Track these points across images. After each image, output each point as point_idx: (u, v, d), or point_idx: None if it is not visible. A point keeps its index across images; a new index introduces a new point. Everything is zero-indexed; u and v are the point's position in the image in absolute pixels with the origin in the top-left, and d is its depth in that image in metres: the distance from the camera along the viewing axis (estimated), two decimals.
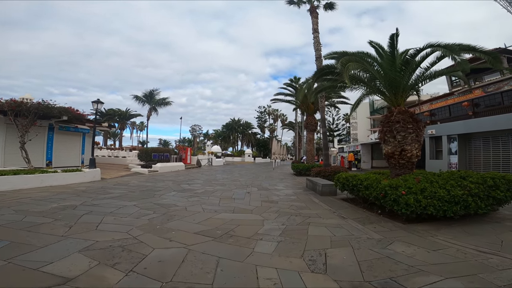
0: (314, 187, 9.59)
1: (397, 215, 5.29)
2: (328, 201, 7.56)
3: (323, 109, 13.05)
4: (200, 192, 8.71)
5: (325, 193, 8.63)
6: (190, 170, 19.12)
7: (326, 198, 8.09)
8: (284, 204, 6.96)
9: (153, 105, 30.62)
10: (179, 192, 8.69)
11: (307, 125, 18.65)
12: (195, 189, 9.37)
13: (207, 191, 9.09)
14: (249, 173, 18.43)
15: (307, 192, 9.38)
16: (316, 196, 8.50)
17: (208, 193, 8.64)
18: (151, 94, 30.89)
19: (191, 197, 7.76)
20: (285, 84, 19.45)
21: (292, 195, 8.78)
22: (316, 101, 19.03)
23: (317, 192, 9.04)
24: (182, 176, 14.46)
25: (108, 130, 19.65)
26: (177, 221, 4.94)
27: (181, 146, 26.58)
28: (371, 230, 4.64)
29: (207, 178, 13.60)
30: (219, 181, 12.34)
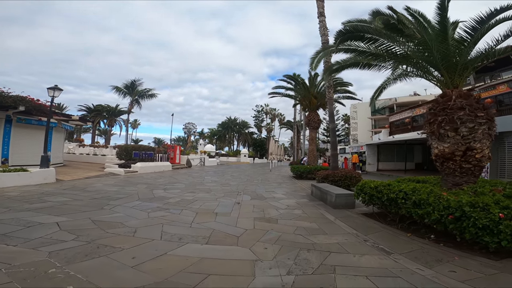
0: (323, 196, 7.50)
1: (464, 243, 3.32)
2: (348, 218, 5.48)
3: (331, 102, 11.00)
4: (173, 203, 6.57)
5: (339, 205, 6.56)
6: (177, 171, 16.94)
7: (342, 213, 6.01)
8: (287, 225, 4.85)
9: (136, 97, 28.06)
10: (145, 201, 6.55)
11: (309, 122, 16.60)
12: (169, 197, 7.23)
13: (183, 200, 6.95)
14: (243, 175, 16.31)
15: (314, 203, 7.29)
16: (328, 210, 6.41)
17: (184, 203, 6.51)
18: (133, 85, 28.06)
19: (156, 210, 5.62)
20: (286, 76, 17.44)
21: (295, 207, 6.68)
22: (319, 95, 17.00)
23: (328, 203, 6.96)
24: (163, 178, 12.30)
25: (82, 125, 17.35)
26: (97, 261, 2.83)
27: (169, 144, 24.37)
28: (453, 279, 2.57)
29: (192, 182, 11.45)
30: (205, 186, 10.21)
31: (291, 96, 18.68)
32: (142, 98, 28.55)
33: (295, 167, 15.49)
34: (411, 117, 23.12)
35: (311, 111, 16.77)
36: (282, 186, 11.08)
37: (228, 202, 6.90)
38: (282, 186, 11.07)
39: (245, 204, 6.75)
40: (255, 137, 58.91)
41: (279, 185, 11.50)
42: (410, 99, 45.80)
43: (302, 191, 9.79)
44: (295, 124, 35.86)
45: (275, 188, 10.46)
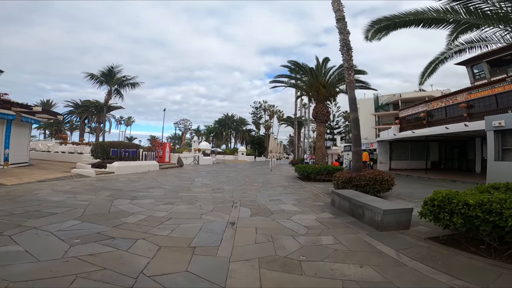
0: (355, 210, 5.27)
1: None
2: (418, 251, 3.29)
3: (351, 86, 8.75)
4: (130, 224, 4.29)
5: (388, 226, 4.36)
6: (164, 172, 14.63)
7: (398, 240, 3.84)
8: (322, 277, 2.60)
9: (116, 87, 25.19)
10: (87, 221, 4.26)
11: (316, 115, 14.35)
12: (130, 214, 4.94)
13: (150, 219, 4.67)
14: (241, 176, 14.04)
15: (343, 220, 5.05)
16: (372, 233, 4.21)
17: (148, 225, 4.23)
18: (111, 72, 24.56)
19: (90, 241, 3.34)
20: (290, 62, 15.10)
21: (320, 229, 4.44)
22: (328, 84, 14.75)
23: (367, 221, 4.74)
24: (143, 181, 10.00)
25: (52, 118, 14.93)
26: None
27: (157, 141, 22.01)
28: None
29: (176, 186, 9.16)
30: (191, 192, 7.94)
31: (295, 86, 16.40)
32: (122, 87, 25.67)
33: (300, 167, 13.27)
34: (426, 112, 21.00)
35: (318, 103, 14.52)
36: (289, 191, 8.83)
37: (217, 223, 4.63)
38: (289, 192, 8.82)
39: (243, 226, 4.49)
40: (253, 135, 56.60)
41: (284, 190, 9.25)
42: (415, 95, 43.70)
43: (317, 199, 7.55)
44: (295, 120, 33.63)
45: (281, 194, 8.21)
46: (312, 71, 14.22)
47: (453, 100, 18.62)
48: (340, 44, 9.53)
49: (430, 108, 20.82)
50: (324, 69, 14.79)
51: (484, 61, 27.04)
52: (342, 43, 9.38)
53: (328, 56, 14.43)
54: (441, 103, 19.76)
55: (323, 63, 14.64)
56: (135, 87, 26.13)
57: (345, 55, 9.27)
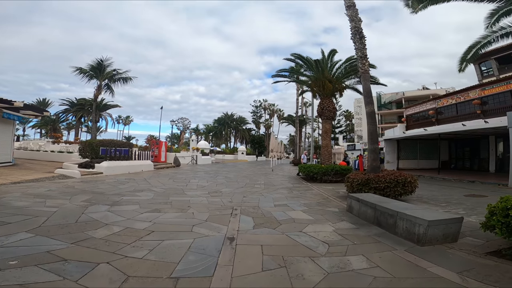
0: (380, 218, 4.32)
1: None
2: (487, 272, 2.39)
3: (366, 76, 7.76)
4: (98, 238, 3.30)
5: (434, 239, 3.45)
6: (158, 172, 13.63)
7: (454, 258, 2.90)
8: None
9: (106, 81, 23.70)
10: (41, 234, 3.27)
11: (322, 111, 13.37)
12: (104, 225, 3.95)
13: (126, 232, 3.68)
14: (241, 176, 13.05)
15: (369, 232, 4.09)
16: (415, 251, 3.27)
17: (121, 242, 3.25)
18: (100, 66, 22.61)
19: (24, 266, 2.33)
20: (294, 55, 14.07)
21: (341, 244, 3.48)
22: (335, 79, 13.76)
23: (399, 232, 3.83)
24: (132, 182, 9.01)
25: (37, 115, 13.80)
26: None
27: (153, 140, 21.01)
28: None
29: (168, 188, 8.18)
30: (184, 196, 6.96)
31: (299, 80, 15.39)
32: (113, 82, 24.29)
33: (305, 167, 12.29)
34: (435, 109, 20.03)
35: (324, 98, 13.54)
36: (296, 195, 7.84)
37: (211, 239, 3.65)
38: (295, 195, 7.83)
39: (244, 243, 3.51)
40: (253, 134, 55.60)
41: (290, 192, 8.27)
42: (419, 93, 42.80)
43: (329, 204, 6.56)
44: (297, 119, 32.63)
45: (287, 198, 7.22)
46: (318, 63, 13.20)
47: (465, 96, 17.64)
48: (351, 32, 8.61)
49: (439, 106, 19.84)
50: (330, 62, 13.80)
51: (492, 58, 26.11)
52: (353, 31, 8.46)
53: (335, 48, 13.45)
54: (452, 100, 18.78)
55: (330, 55, 13.66)
56: (127, 82, 24.45)
57: (357, 43, 8.32)
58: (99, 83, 22.85)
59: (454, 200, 7.42)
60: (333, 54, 13.55)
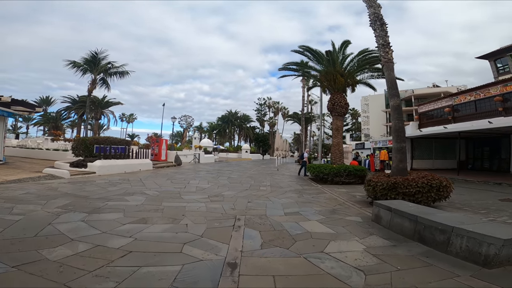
0: (424, 233, 3.42)
1: None
2: None
3: (389, 66, 6.76)
4: (48, 264, 2.38)
5: (506, 260, 2.47)
6: (157, 172, 12.79)
7: None
8: None
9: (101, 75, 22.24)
10: None
11: (332, 107, 12.37)
12: (68, 241, 3.04)
13: (92, 254, 2.76)
14: (245, 177, 12.14)
15: (410, 251, 3.16)
16: (485, 277, 2.37)
17: (80, 268, 2.31)
18: (95, 59, 21.64)
19: None
20: (302, 48, 13.04)
21: (381, 271, 2.56)
22: (347, 73, 12.74)
23: (454, 252, 2.93)
24: (125, 183, 8.16)
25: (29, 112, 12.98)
26: None
27: (153, 137, 20.21)
28: None
29: (164, 191, 7.29)
30: (180, 201, 6.06)
31: (308, 75, 14.37)
32: (109, 75, 23.33)
33: (314, 167, 11.31)
34: (451, 106, 18.85)
35: (335, 93, 12.52)
36: (307, 199, 6.90)
37: (206, 265, 2.72)
38: (306, 199, 6.89)
39: (251, 273, 2.59)
40: (257, 132, 54.62)
41: (300, 196, 7.33)
42: (429, 90, 41.45)
43: (348, 211, 5.61)
44: (303, 116, 31.57)
45: (298, 203, 6.28)
46: (330, 54, 12.13)
47: (485, 93, 16.44)
48: (370, 19, 7.70)
49: (456, 103, 18.65)
50: (342, 55, 12.76)
51: (509, 55, 24.80)
52: (373, 17, 7.54)
53: (348, 39, 12.40)
54: (470, 96, 17.58)
55: (342, 47, 12.60)
56: (124, 76, 23.46)
57: (378, 30, 7.38)
58: (93, 77, 21.74)
59: (492, 206, 6.40)
60: (345, 46, 12.51)
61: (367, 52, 12.60)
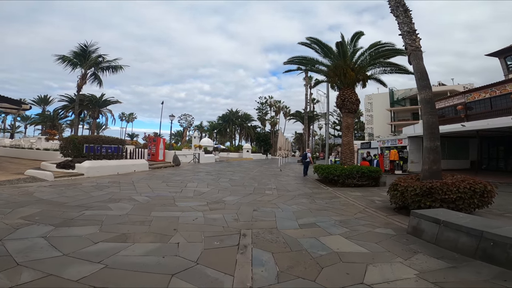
0: (493, 251, 2.50)
1: None
2: None
3: (417, 55, 5.88)
4: None
5: None
6: (153, 173, 11.90)
7: None
8: None
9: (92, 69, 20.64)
10: None
11: (342, 103, 11.46)
12: (7, 268, 2.16)
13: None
14: (247, 178, 11.25)
15: (479, 274, 2.22)
16: None
17: None
18: (85, 52, 20.10)
19: None
20: (310, 39, 12.11)
21: None
22: (358, 67, 11.83)
23: None
24: (113, 187, 7.26)
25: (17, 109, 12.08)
26: None
27: (150, 136, 19.32)
28: None
29: (155, 197, 6.40)
30: (173, 209, 5.15)
31: (315, 69, 13.44)
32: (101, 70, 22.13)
33: (323, 168, 10.40)
34: (464, 104, 17.94)
35: (345, 88, 11.60)
36: (321, 205, 5.99)
37: None
38: (320, 205, 5.97)
39: None
40: (258, 131, 53.72)
41: (312, 202, 6.42)
42: (435, 89, 40.18)
43: (373, 220, 4.69)
44: (306, 115, 30.65)
45: (312, 211, 5.37)
46: (340, 45, 11.17)
47: (502, 90, 15.55)
48: (390, 6, 6.92)
49: (469, 100, 17.75)
50: (353, 48, 11.82)
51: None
52: (394, 3, 6.69)
53: (361, 30, 11.42)
54: (485, 93, 16.68)
55: (353, 39, 11.62)
56: (117, 71, 22.11)
57: (401, 16, 6.57)
58: (83, 71, 20.48)
59: None
60: (357, 38, 11.55)
61: (379, 45, 11.68)
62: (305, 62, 13.07)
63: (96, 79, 21.90)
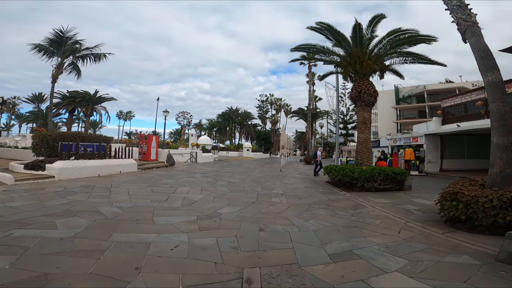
0: None
1: None
2: None
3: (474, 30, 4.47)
4: None
5: None
6: (141, 175, 10.47)
7: None
8: None
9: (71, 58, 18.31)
10: None
11: (358, 95, 10.02)
12: None
13: None
14: (248, 181, 9.83)
15: None
16: None
17: None
18: (62, 39, 17.46)
19: None
20: (320, 24, 10.62)
21: None
22: (376, 56, 10.39)
23: None
24: (81, 194, 5.83)
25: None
26: None
27: (142, 134, 17.86)
28: None
29: (130, 208, 4.96)
30: (148, 229, 3.70)
31: (325, 59, 11.96)
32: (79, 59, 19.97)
33: (336, 169, 8.96)
34: (484, 100, 16.48)
35: (361, 79, 10.14)
36: (348, 219, 4.54)
37: None
38: (347, 219, 4.53)
39: None
40: (259, 130, 52.26)
41: (333, 213, 4.99)
42: (442, 86, 38.89)
43: (430, 242, 3.23)
44: (309, 112, 29.18)
45: (340, 229, 3.92)
46: (358, 28, 9.60)
47: None
48: None
49: None
50: (371, 33, 10.31)
51: None
52: None
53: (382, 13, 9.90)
54: (508, 88, 15.18)
55: (371, 24, 10.04)
56: (99, 59, 19.76)
57: None
58: (59, 60, 18.22)
59: None
60: (376, 22, 9.99)
61: (400, 32, 10.19)
62: (314, 50, 11.61)
63: (75, 69, 19.42)
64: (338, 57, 11.54)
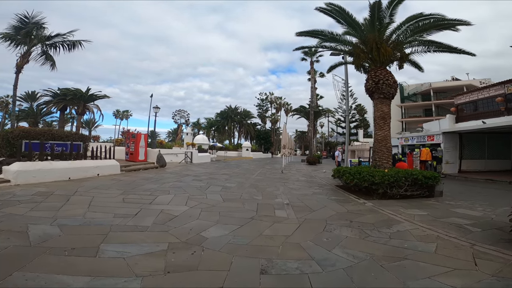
0: None
1: None
2: None
3: None
4: None
5: None
6: (121, 178, 9.06)
7: None
8: None
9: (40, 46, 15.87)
10: None
11: (375, 86, 8.65)
12: None
13: None
14: (247, 186, 8.44)
15: None
16: None
17: None
18: (28, 24, 15.10)
19: None
20: (330, 5, 9.21)
21: None
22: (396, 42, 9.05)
23: None
24: (21, 206, 4.42)
25: None
26: None
27: (129, 132, 16.43)
28: None
29: (71, 228, 3.54)
30: (83, 269, 2.26)
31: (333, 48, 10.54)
32: (51, 47, 16.51)
33: (351, 172, 7.55)
34: (504, 95, 15.14)
35: (378, 68, 8.75)
36: (385, 243, 3.13)
37: None
38: (383, 243, 3.12)
39: None
40: (258, 129, 50.84)
41: (363, 235, 3.59)
42: (448, 84, 37.51)
43: None
44: (312, 110, 27.76)
45: (381, 260, 2.51)
46: (377, 8, 8.11)
47: None
48: None
49: (510, 91, 14.92)
50: (389, 17, 8.88)
51: None
52: None
53: None
54: None
55: (390, 6, 8.61)
56: (74, 47, 17.35)
57: None
58: (25, 48, 15.95)
59: None
60: (396, 3, 8.53)
61: (422, 17, 8.81)
62: (322, 37, 10.21)
63: (48, 59, 17.19)
64: (348, 45, 10.16)
